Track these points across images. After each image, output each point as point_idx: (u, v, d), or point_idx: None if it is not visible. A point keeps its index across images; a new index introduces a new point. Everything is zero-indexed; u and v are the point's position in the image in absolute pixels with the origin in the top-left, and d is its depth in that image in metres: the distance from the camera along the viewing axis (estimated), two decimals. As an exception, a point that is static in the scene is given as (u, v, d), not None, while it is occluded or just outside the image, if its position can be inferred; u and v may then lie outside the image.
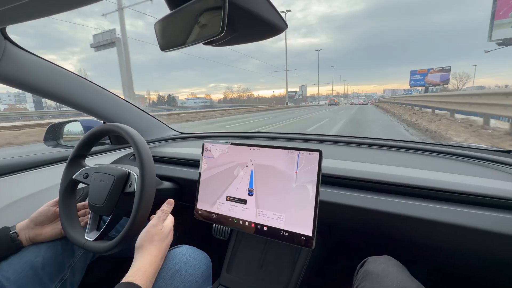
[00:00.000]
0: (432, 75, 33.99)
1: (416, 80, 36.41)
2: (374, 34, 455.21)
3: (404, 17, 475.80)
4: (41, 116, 20.66)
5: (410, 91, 51.55)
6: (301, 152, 0.66)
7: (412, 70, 37.56)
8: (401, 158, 0.83)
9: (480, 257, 0.59)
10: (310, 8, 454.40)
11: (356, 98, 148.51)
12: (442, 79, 33.56)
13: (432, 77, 34.00)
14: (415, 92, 42.57)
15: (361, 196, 0.67)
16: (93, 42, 14.77)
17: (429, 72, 34.37)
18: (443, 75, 33.47)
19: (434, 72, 33.90)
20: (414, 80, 36.89)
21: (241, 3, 0.40)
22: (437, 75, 33.45)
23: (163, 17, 0.47)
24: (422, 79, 35.09)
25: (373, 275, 0.53)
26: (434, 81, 34.01)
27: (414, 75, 37.01)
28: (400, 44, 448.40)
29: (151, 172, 0.66)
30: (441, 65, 44.07)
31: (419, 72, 36.05)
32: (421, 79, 35.23)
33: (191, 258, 0.65)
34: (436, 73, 33.70)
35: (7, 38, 0.75)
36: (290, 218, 0.66)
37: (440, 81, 33.74)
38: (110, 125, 0.74)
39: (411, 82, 37.53)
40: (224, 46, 0.49)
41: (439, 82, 33.83)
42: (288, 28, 0.48)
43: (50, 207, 0.72)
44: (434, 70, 33.92)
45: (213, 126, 11.57)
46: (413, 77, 37.13)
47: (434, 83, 34.12)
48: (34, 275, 0.64)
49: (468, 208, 0.57)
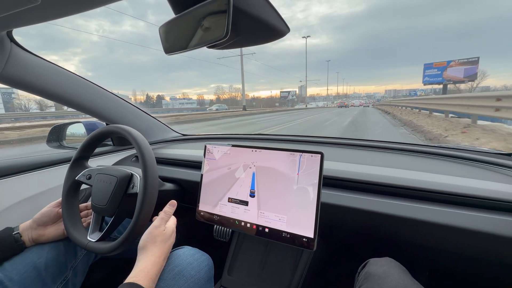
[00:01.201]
0: (454, 69, 25.60)
1: (432, 76, 27.56)
2: (375, 35, 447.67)
3: (405, 17, 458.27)
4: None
5: (415, 91, 46.50)
6: (303, 154, 0.66)
7: (426, 64, 28.13)
8: (402, 161, 0.83)
9: (481, 259, 0.59)
10: (310, 8, 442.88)
11: (357, 99, 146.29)
12: (467, 74, 24.89)
13: (453, 71, 25.67)
14: (420, 92, 38.52)
15: (362, 198, 0.67)
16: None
17: (449, 66, 25.86)
18: (469, 69, 24.75)
19: (456, 65, 25.42)
20: (428, 76, 27.88)
21: (245, 7, 0.40)
22: (460, 69, 25.05)
23: (168, 21, 0.47)
24: (440, 74, 26.60)
25: (375, 277, 0.53)
26: (456, 77, 25.60)
27: (430, 69, 27.66)
28: (401, 45, 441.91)
29: (154, 174, 0.66)
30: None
31: (436, 65, 27.03)
32: (438, 75, 26.79)
33: (193, 259, 0.65)
34: (459, 66, 25.27)
35: (13, 41, 0.76)
36: (292, 219, 0.66)
37: (465, 76, 25.05)
38: (113, 126, 0.75)
39: (425, 79, 28.47)
40: (227, 49, 0.50)
41: (463, 78, 25.27)
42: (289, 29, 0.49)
43: (53, 208, 0.73)
44: (456, 63, 25.46)
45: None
46: (427, 72, 27.90)
47: (456, 79, 25.78)
48: (37, 276, 0.65)
49: (469, 211, 0.57)
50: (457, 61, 25.55)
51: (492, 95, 6.53)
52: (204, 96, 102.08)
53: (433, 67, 27.32)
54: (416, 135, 7.08)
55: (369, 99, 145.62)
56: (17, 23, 0.61)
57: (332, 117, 15.43)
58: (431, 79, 28.03)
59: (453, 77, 25.80)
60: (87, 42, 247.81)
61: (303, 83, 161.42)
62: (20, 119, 19.42)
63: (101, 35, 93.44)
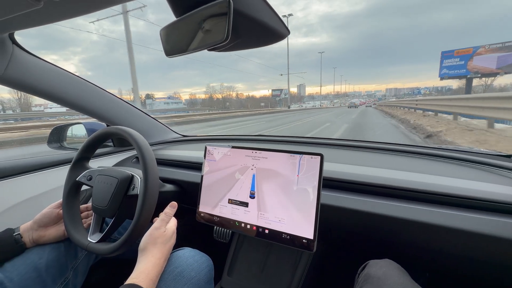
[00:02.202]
0: (482, 57, 18.88)
1: (452, 68, 20.66)
2: (376, 33, 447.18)
3: (406, 15, 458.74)
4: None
5: (419, 89, 37.86)
6: (303, 155, 0.66)
7: (445, 52, 21.17)
8: (402, 162, 0.84)
9: (480, 261, 0.59)
10: (310, 7, 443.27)
11: (357, 98, 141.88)
12: (502, 63, 18.10)
13: (482, 60, 18.92)
14: (424, 90, 31.31)
15: (362, 200, 0.67)
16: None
17: (476, 53, 19.26)
18: (504, 57, 17.92)
19: (486, 52, 18.72)
20: (447, 68, 20.99)
21: (245, 10, 0.41)
22: (492, 57, 18.42)
23: (169, 23, 0.48)
24: (463, 64, 19.88)
25: (374, 279, 0.53)
26: (486, 68, 18.98)
27: (449, 58, 20.84)
28: (402, 43, 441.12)
29: (155, 175, 0.66)
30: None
31: (459, 53, 20.12)
32: (461, 66, 20.00)
33: (194, 260, 0.65)
34: (489, 53, 18.65)
35: (15, 43, 0.77)
36: (292, 221, 0.66)
37: (499, 67, 18.37)
38: (114, 128, 0.75)
39: (442, 72, 21.41)
40: (228, 51, 0.50)
41: (496, 69, 18.60)
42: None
43: (53, 209, 0.73)
44: (486, 49, 18.74)
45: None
46: (446, 63, 21.02)
47: (486, 70, 19.10)
48: (37, 277, 0.65)
49: (468, 212, 0.58)
50: (487, 47, 18.86)
51: None
52: (202, 95, 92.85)
53: (454, 56, 20.32)
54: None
55: (369, 98, 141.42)
56: (19, 26, 0.62)
57: (318, 125, 11.40)
58: (451, 72, 20.55)
59: (481, 68, 18.97)
60: (87, 42, 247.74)
61: (302, 82, 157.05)
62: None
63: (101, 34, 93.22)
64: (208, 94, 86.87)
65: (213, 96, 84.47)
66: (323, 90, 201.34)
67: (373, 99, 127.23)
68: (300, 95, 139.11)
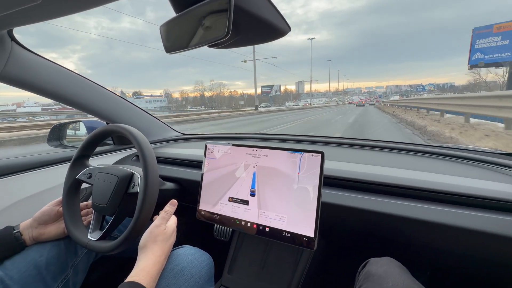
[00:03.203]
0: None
1: (489, 51, 13.83)
2: (376, 30, 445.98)
3: (407, 12, 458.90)
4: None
5: (423, 86, 30.44)
6: (304, 153, 0.66)
7: (477, 28, 14.24)
8: (403, 160, 0.83)
9: (482, 259, 0.59)
10: (310, 4, 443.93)
11: (357, 95, 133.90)
12: None
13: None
14: (428, 87, 25.29)
15: (363, 198, 0.67)
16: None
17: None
18: None
19: None
20: (481, 52, 14.16)
21: (246, 6, 0.40)
22: None
23: (169, 20, 0.47)
24: (508, 45, 13.17)
25: (375, 277, 0.53)
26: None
27: (484, 37, 13.94)
28: (403, 40, 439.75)
29: (155, 173, 0.66)
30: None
31: (499, 29, 13.35)
32: (504, 47, 13.29)
33: (194, 258, 0.65)
34: None
35: (14, 40, 0.76)
36: (292, 219, 0.66)
37: None
38: (114, 125, 0.75)
39: (474, 57, 14.43)
40: (228, 48, 0.50)
41: None
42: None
43: (53, 207, 0.73)
44: None
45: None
46: (479, 45, 14.21)
47: None
48: (37, 274, 0.65)
49: (470, 211, 0.57)
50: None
51: None
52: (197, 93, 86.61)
53: (492, 34, 13.35)
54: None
55: (369, 95, 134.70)
56: (18, 22, 0.61)
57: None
58: (488, 57, 13.65)
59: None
60: (86, 40, 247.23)
61: (300, 80, 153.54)
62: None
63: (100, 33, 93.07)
64: (199, 92, 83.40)
65: (204, 94, 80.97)
66: (323, 87, 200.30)
67: (373, 96, 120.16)
68: (298, 93, 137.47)
